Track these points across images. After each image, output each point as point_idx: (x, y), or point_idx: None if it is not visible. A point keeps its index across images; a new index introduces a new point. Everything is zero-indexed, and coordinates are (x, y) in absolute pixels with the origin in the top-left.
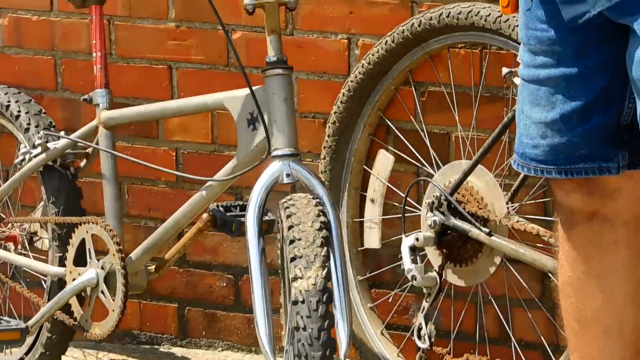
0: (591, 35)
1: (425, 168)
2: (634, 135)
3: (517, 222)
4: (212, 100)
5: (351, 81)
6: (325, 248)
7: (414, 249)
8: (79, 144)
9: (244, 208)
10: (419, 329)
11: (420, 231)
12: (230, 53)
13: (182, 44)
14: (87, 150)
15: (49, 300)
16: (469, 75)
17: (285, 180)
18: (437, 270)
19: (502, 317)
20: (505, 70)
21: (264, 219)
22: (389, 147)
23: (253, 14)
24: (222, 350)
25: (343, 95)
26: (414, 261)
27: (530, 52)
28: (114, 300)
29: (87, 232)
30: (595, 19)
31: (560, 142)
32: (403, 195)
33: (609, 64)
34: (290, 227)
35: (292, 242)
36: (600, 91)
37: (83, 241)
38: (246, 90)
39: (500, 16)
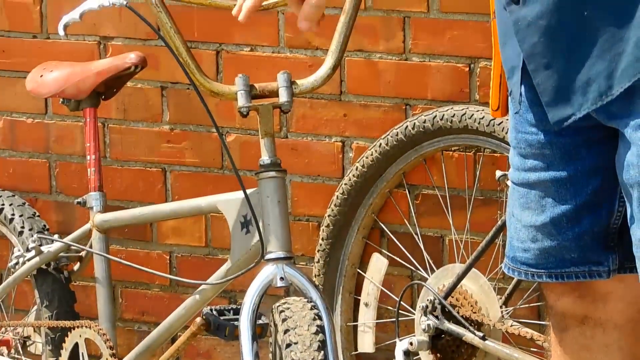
0: (580, 139)
1: (419, 271)
2: (624, 238)
3: (511, 326)
4: (206, 203)
5: (345, 184)
6: (322, 352)
7: (408, 354)
8: (73, 247)
9: (237, 312)
10: None
11: (414, 335)
12: (225, 156)
13: (176, 146)
14: (80, 254)
15: None
16: (463, 178)
17: (279, 283)
18: None
19: None
20: (499, 173)
21: (257, 322)
22: (383, 251)
23: (247, 117)
24: None
25: (337, 198)
26: None
27: (520, 156)
28: None
29: (80, 336)
30: (583, 122)
31: (550, 246)
32: (397, 299)
33: (599, 167)
34: (286, 331)
35: (288, 345)
36: (591, 194)
37: (76, 345)
38: (240, 193)
39: (494, 119)
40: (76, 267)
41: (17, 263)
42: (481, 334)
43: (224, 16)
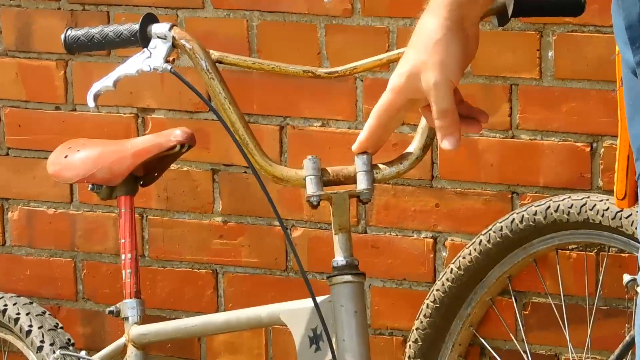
0: None
1: None
2: None
3: None
4: (266, 313)
5: (437, 290)
6: None
7: None
8: None
9: None
10: None
11: None
12: (289, 255)
13: (230, 243)
14: None
15: None
16: (582, 284)
17: None
18: None
19: None
20: (627, 277)
21: None
22: None
23: (317, 208)
24: None
25: (427, 307)
26: None
27: None
28: None
29: None
30: None
31: None
32: None
33: None
34: None
35: None
36: None
37: None
38: (308, 302)
39: (621, 211)
40: None
41: None
42: None
43: (290, 84)
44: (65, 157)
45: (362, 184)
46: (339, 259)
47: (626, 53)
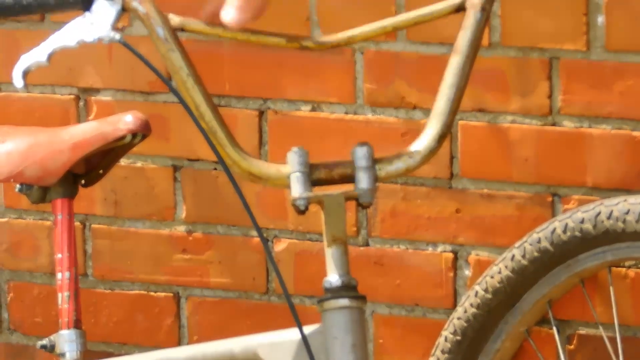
0: None
1: None
2: None
3: None
4: (240, 347)
5: (458, 318)
6: None
7: None
8: None
9: None
10: None
11: None
12: (271, 274)
13: (195, 259)
14: None
15: None
16: None
17: None
18: None
19: None
20: None
21: None
22: None
23: (304, 214)
24: None
25: (445, 340)
26: None
27: None
28: None
29: None
30: None
31: None
32: None
33: None
34: None
35: None
36: None
37: None
38: (293, 333)
39: None
40: None
41: None
42: None
43: (272, 58)
44: None
45: (362, 183)
46: (333, 278)
47: None
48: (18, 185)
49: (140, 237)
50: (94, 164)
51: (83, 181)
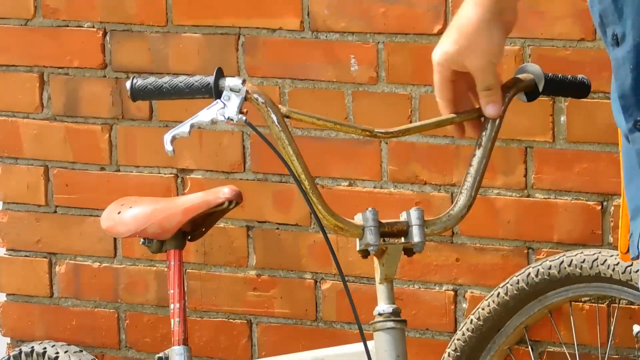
0: None
1: None
2: None
3: None
4: (310, 358)
5: (458, 339)
6: None
7: None
8: None
9: None
10: None
11: None
12: (319, 306)
13: (263, 295)
14: None
15: None
16: (595, 334)
17: None
18: None
19: None
20: (636, 328)
21: None
22: None
23: (367, 258)
24: None
25: (448, 355)
26: None
27: None
28: None
29: None
30: None
31: None
32: None
33: None
34: None
35: None
36: None
37: None
38: (350, 348)
39: (631, 265)
40: None
41: None
42: None
43: (320, 146)
44: (119, 213)
45: (416, 237)
46: (384, 306)
47: (620, 120)
48: (142, 239)
49: (222, 279)
50: (199, 224)
51: (190, 237)
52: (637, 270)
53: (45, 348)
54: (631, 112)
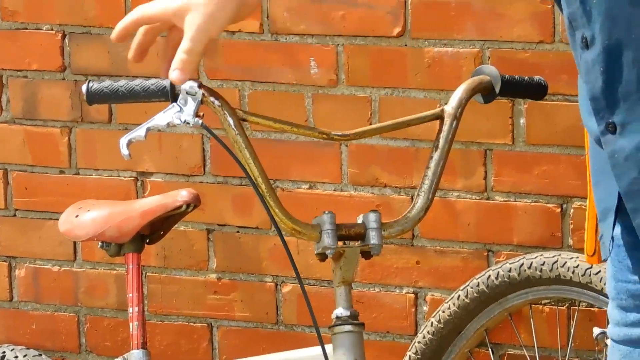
0: None
1: None
2: None
3: None
4: None
5: (418, 342)
6: None
7: None
8: None
9: None
10: None
11: None
12: (280, 309)
13: (224, 298)
14: None
15: None
16: (555, 336)
17: None
18: None
19: None
20: (596, 330)
21: None
22: None
23: (324, 261)
24: None
25: (409, 358)
26: None
27: (620, 308)
28: None
29: None
30: None
31: None
32: None
33: None
34: None
35: None
36: None
37: None
38: (312, 350)
39: (590, 267)
40: None
41: None
42: None
43: (280, 149)
44: (77, 216)
45: (374, 240)
46: (342, 310)
47: (590, 123)
48: (100, 243)
49: (182, 282)
50: (157, 227)
51: (148, 240)
52: (598, 272)
53: (4, 352)
54: (602, 115)
